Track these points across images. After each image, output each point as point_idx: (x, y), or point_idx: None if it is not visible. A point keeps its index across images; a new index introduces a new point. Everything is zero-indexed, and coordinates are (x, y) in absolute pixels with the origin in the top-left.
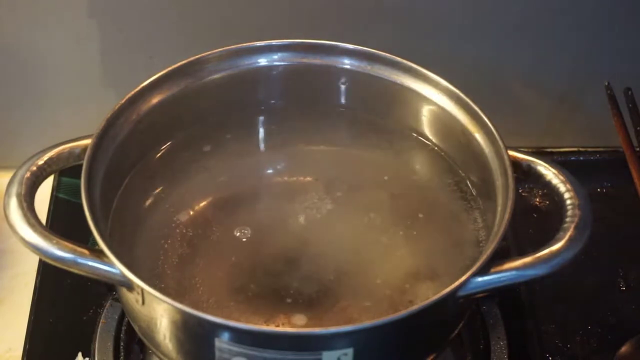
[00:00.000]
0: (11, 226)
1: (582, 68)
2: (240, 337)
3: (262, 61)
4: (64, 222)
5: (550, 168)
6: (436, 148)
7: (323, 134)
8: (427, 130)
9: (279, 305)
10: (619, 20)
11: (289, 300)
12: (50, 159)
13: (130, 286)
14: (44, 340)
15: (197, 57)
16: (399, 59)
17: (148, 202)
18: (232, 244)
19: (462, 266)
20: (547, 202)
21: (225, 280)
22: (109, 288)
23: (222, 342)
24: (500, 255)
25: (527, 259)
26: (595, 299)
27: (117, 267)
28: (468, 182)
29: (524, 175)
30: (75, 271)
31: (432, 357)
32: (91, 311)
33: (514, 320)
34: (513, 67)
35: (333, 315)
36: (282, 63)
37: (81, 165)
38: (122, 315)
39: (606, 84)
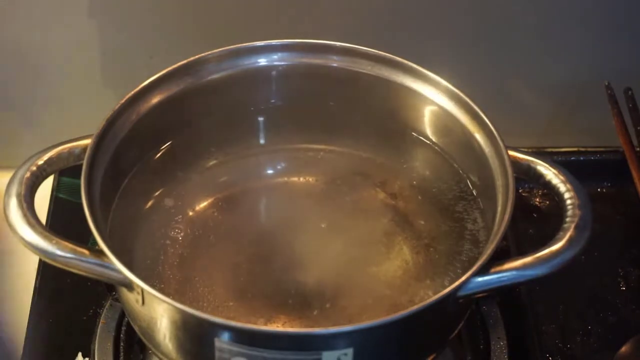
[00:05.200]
0: (11, 226)
1: (582, 68)
2: (240, 337)
3: (262, 61)
4: (64, 222)
5: (551, 168)
6: (436, 148)
7: (323, 134)
8: (427, 130)
9: (279, 305)
10: (619, 20)
11: (289, 301)
12: (50, 159)
13: (130, 286)
14: (44, 340)
15: (197, 57)
16: (399, 59)
17: (148, 202)
18: (232, 244)
19: (462, 266)
20: (547, 202)
21: (225, 280)
22: (108, 288)
23: (222, 342)
24: (500, 256)
25: (527, 259)
26: (595, 299)
27: (117, 267)
28: (468, 182)
29: (524, 175)
30: (75, 271)
31: (432, 357)
32: (91, 311)
33: (514, 320)
34: (513, 66)
35: (333, 315)
36: (282, 63)
37: (81, 165)
38: (122, 315)
39: (606, 83)
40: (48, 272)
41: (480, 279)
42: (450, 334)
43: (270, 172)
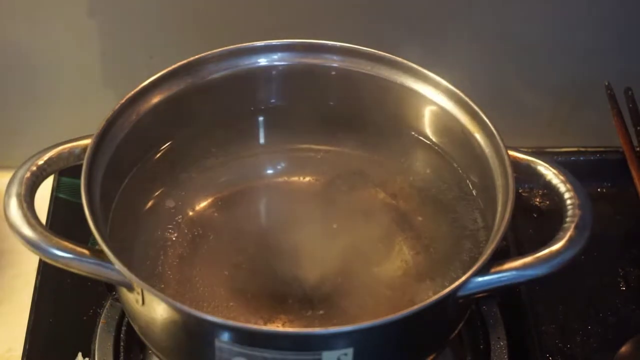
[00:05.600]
0: (11, 226)
1: (582, 68)
2: (240, 337)
3: (262, 61)
4: (64, 222)
5: (551, 168)
6: (436, 148)
7: (323, 134)
8: (427, 130)
9: (279, 305)
10: (619, 20)
11: (289, 300)
12: (50, 159)
13: (130, 286)
14: (44, 340)
15: (197, 57)
16: (399, 59)
17: (148, 202)
18: (232, 244)
19: (462, 266)
20: (547, 202)
21: (225, 281)
22: (109, 288)
23: (222, 342)
24: (500, 256)
25: (527, 259)
26: (595, 299)
27: (117, 267)
28: (468, 182)
29: (524, 175)
30: (75, 271)
31: (432, 357)
32: (91, 311)
33: (514, 320)
34: (513, 66)
35: (333, 315)
36: (282, 63)
37: (81, 165)
38: (122, 315)
39: (606, 83)
40: (48, 272)
41: (480, 279)
42: (451, 334)
43: (270, 172)
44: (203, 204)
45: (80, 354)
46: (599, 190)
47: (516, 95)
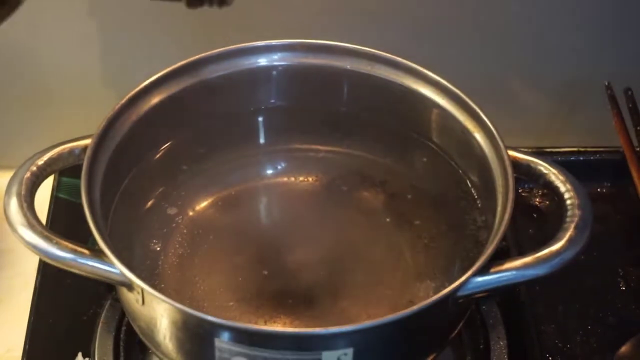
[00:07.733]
0: (11, 226)
1: (582, 68)
2: (240, 337)
3: (262, 61)
4: (64, 222)
5: (550, 168)
6: (436, 148)
7: (323, 134)
8: (427, 130)
9: (279, 305)
10: (620, 20)
11: (289, 300)
12: (50, 158)
13: (130, 286)
14: (43, 340)
15: (197, 57)
16: (399, 59)
17: (148, 202)
18: (232, 244)
19: (462, 266)
20: (547, 202)
21: (225, 280)
22: (109, 288)
23: (222, 342)
24: (500, 255)
25: (527, 259)
26: (595, 299)
27: (117, 267)
28: (468, 182)
29: (524, 175)
30: (75, 271)
31: (432, 357)
32: (91, 311)
33: (514, 320)
34: (513, 66)
35: (333, 315)
36: (282, 63)
37: (81, 165)
38: (122, 315)
39: (606, 83)
40: (48, 272)
41: (480, 279)
42: (451, 334)
43: (270, 172)
44: (203, 204)
45: (80, 354)
46: (598, 190)
47: (516, 95)
